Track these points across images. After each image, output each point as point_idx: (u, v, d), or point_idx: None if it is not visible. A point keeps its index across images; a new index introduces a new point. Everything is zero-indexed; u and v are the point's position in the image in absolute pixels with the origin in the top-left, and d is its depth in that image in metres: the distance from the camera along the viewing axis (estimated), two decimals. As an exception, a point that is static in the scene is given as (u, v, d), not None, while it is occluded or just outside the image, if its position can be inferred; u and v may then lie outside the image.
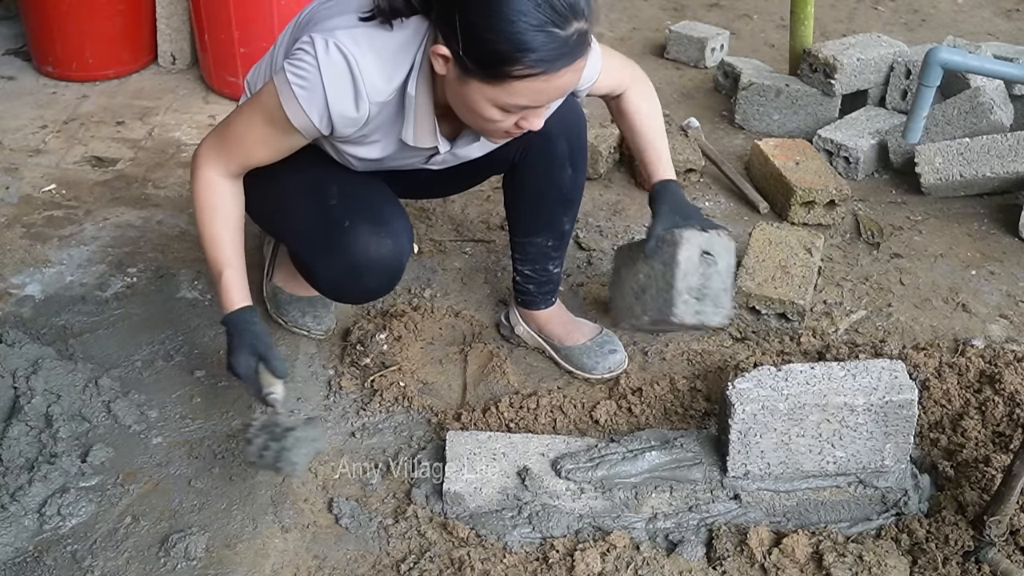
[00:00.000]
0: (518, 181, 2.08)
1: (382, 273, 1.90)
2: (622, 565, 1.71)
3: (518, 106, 1.60)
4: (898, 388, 1.77)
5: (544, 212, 2.11)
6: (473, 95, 1.60)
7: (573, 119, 2.00)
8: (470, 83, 1.58)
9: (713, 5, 4.51)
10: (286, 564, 1.71)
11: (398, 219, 1.92)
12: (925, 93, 2.59)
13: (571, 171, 2.04)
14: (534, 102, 1.60)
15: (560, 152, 2.00)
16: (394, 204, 1.96)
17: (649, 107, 2.08)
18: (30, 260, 2.49)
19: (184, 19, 3.53)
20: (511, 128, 1.67)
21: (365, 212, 1.90)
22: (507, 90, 1.56)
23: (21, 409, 1.93)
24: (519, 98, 1.58)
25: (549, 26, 1.49)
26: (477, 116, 1.64)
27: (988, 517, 1.72)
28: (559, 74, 1.55)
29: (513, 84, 1.55)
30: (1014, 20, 4.44)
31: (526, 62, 1.51)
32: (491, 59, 1.53)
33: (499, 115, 1.62)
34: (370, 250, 1.86)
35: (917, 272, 2.62)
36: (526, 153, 2.02)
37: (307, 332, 2.26)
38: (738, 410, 1.75)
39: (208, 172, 1.83)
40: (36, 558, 1.68)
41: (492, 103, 1.60)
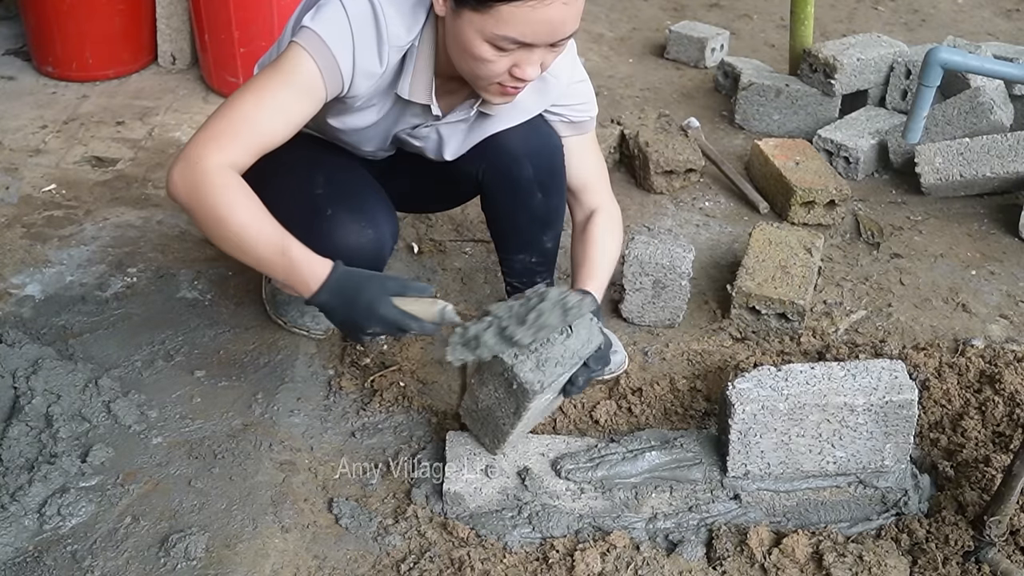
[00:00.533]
0: (489, 201, 2.07)
1: (363, 262, 1.83)
2: (622, 565, 1.71)
3: (508, 39, 1.58)
4: (898, 388, 1.77)
5: (521, 233, 2.09)
6: (465, 30, 1.61)
7: (543, 146, 1.96)
8: (463, 15, 1.60)
9: (713, 5, 4.51)
10: (286, 564, 1.71)
11: (381, 210, 1.92)
12: (925, 93, 2.59)
13: (541, 195, 2.00)
14: (523, 35, 1.58)
15: (525, 176, 1.96)
16: (378, 195, 1.96)
17: (612, 245, 2.03)
18: (30, 260, 2.49)
19: (184, 19, 3.53)
20: (505, 77, 1.66)
21: (348, 201, 1.89)
22: (495, 17, 1.56)
23: (21, 409, 1.93)
24: (508, 28, 1.57)
25: None
26: (468, 55, 1.64)
27: (988, 517, 1.72)
28: (549, 3, 1.54)
29: (500, 9, 1.55)
30: (1014, 20, 4.44)
31: None
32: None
33: (491, 53, 1.61)
34: (350, 238, 1.85)
35: (917, 272, 2.62)
36: (489, 173, 1.99)
37: (306, 332, 2.26)
38: (738, 410, 1.75)
39: (212, 164, 1.62)
40: (36, 558, 1.67)
41: (482, 36, 1.60)
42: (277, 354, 2.20)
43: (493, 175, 2.00)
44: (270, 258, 1.65)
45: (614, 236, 2.05)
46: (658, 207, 2.88)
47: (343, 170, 1.97)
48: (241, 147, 1.65)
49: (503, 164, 1.96)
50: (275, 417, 2.02)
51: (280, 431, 1.99)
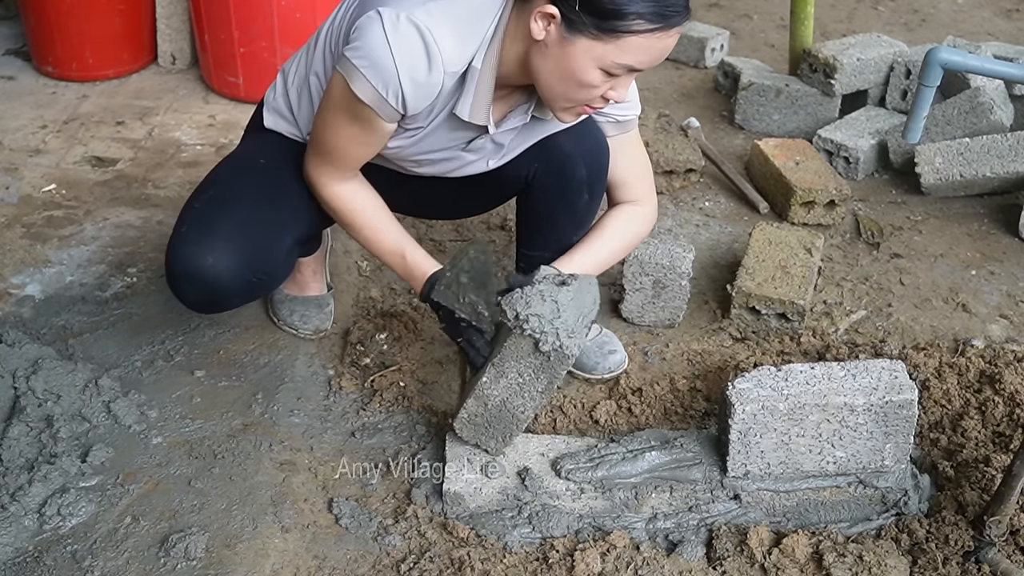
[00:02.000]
0: (533, 201, 2.05)
1: (196, 288, 1.87)
2: (622, 565, 1.71)
3: (622, 66, 1.61)
4: (898, 388, 1.77)
5: (555, 233, 2.09)
6: (578, 56, 1.61)
7: (595, 146, 1.97)
8: (577, 42, 1.60)
9: (713, 5, 4.51)
10: (286, 564, 1.71)
11: (234, 240, 1.85)
12: (925, 93, 2.58)
13: (587, 197, 2.00)
14: (639, 62, 1.62)
15: (579, 177, 1.96)
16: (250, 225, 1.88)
17: (634, 231, 2.07)
18: (30, 260, 2.49)
19: (184, 19, 3.53)
20: (595, 100, 1.69)
21: (207, 220, 1.87)
22: (619, 47, 1.58)
23: (22, 409, 1.93)
24: (628, 56, 1.60)
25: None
26: (572, 81, 1.64)
27: (988, 517, 1.72)
28: (670, 33, 1.60)
29: (627, 40, 1.58)
30: (1014, 20, 4.44)
31: (647, 16, 1.55)
32: (611, 12, 1.55)
33: (599, 78, 1.63)
34: (186, 260, 1.84)
35: (917, 272, 2.62)
36: (541, 174, 1.98)
37: (295, 331, 2.26)
38: (738, 410, 1.75)
39: (330, 186, 1.87)
40: (36, 558, 1.67)
41: (597, 63, 1.61)
42: (277, 354, 2.20)
43: (546, 175, 1.98)
44: (393, 262, 1.92)
45: (628, 227, 2.06)
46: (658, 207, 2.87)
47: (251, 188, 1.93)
48: (341, 169, 1.85)
49: (557, 165, 1.95)
50: (275, 417, 2.02)
51: (280, 431, 1.99)
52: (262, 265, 1.90)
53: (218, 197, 1.92)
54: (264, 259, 1.90)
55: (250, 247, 1.87)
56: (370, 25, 1.62)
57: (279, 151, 1.97)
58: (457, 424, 1.87)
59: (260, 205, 1.91)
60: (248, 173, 1.96)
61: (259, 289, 1.98)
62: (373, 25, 1.62)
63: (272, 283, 2.00)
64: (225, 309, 2.04)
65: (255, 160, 1.98)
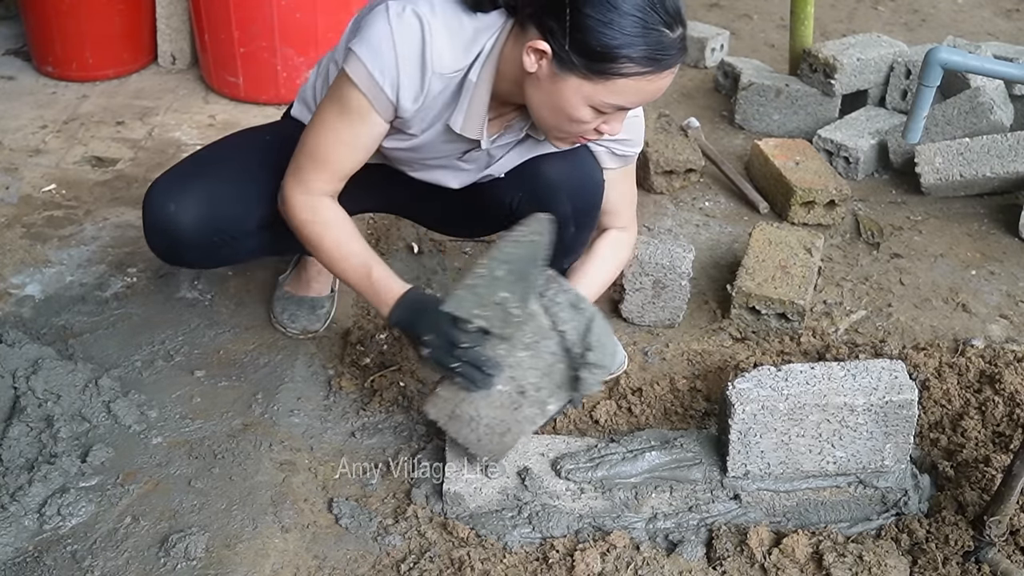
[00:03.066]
0: None
1: (158, 235, 1.89)
2: (622, 565, 1.71)
3: (613, 106, 1.60)
4: (898, 388, 1.77)
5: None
6: (568, 93, 1.60)
7: (585, 180, 1.93)
8: (567, 80, 1.58)
9: (713, 5, 4.51)
10: (286, 564, 1.71)
11: (201, 195, 1.86)
12: (925, 93, 2.58)
13: (574, 230, 1.98)
14: (630, 103, 1.61)
15: (562, 211, 1.90)
16: (224, 186, 1.89)
17: (612, 263, 2.05)
18: (30, 260, 2.49)
19: (184, 19, 3.53)
20: (588, 132, 1.68)
21: (185, 173, 1.90)
22: (608, 88, 1.57)
23: (22, 409, 1.93)
24: (618, 97, 1.59)
25: (661, 26, 1.53)
26: (563, 116, 1.64)
27: (988, 517, 1.72)
28: (662, 75, 1.57)
29: (616, 82, 1.56)
30: (1014, 20, 4.44)
31: (638, 60, 1.54)
32: (601, 54, 1.54)
33: (589, 115, 1.62)
34: (152, 205, 1.87)
35: (917, 272, 2.62)
36: (525, 203, 1.94)
37: (282, 329, 2.26)
38: (738, 410, 1.75)
39: (297, 198, 1.80)
40: (36, 558, 1.67)
41: (587, 102, 1.60)
42: (277, 354, 2.20)
43: (529, 206, 1.94)
44: (358, 282, 1.82)
45: (616, 255, 2.05)
46: (658, 207, 2.88)
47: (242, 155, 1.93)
48: (319, 179, 1.78)
49: (541, 196, 1.92)
50: (275, 417, 2.02)
51: (280, 431, 1.99)
52: (225, 228, 1.89)
53: (206, 156, 1.96)
54: (228, 223, 1.89)
55: (216, 206, 1.87)
56: (376, 16, 1.65)
57: (289, 133, 1.94)
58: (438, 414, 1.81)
59: (243, 172, 1.91)
60: (247, 143, 1.98)
61: (223, 251, 1.94)
62: (379, 15, 1.64)
63: (238, 251, 1.97)
64: (192, 264, 2.03)
65: (261, 135, 1.99)
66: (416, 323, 1.76)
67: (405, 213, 2.26)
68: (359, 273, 1.80)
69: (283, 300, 2.29)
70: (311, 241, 1.82)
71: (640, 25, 1.51)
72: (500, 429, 1.78)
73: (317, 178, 1.79)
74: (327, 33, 3.28)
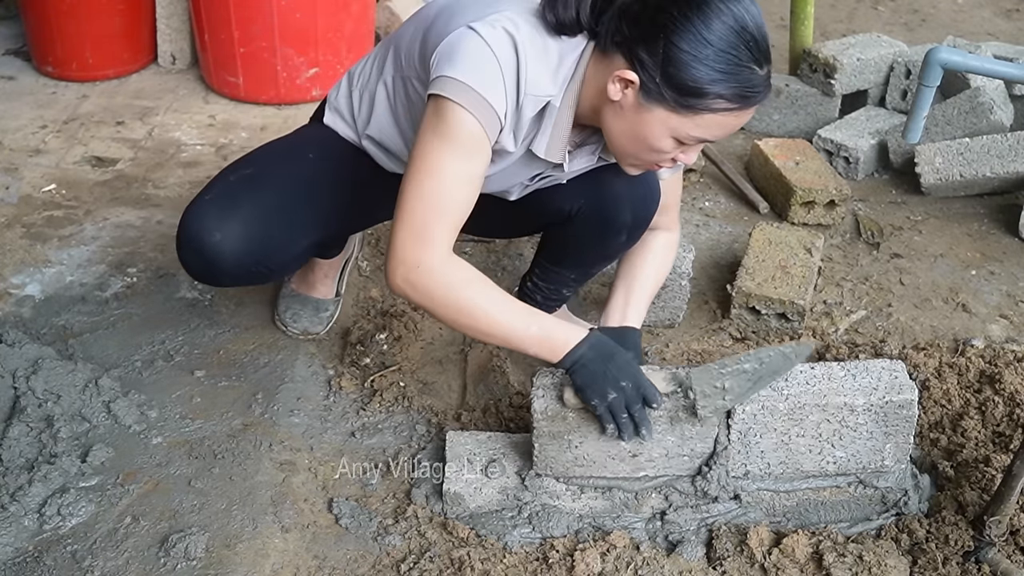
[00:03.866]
0: (568, 231, 2.01)
1: (196, 256, 1.82)
2: (622, 565, 1.71)
3: (696, 138, 1.59)
4: (898, 388, 1.76)
5: (581, 261, 2.10)
6: (652, 124, 1.58)
7: (647, 192, 1.92)
8: (653, 111, 1.57)
9: (713, 5, 4.51)
10: (286, 564, 1.71)
11: (250, 227, 1.80)
12: (925, 93, 2.58)
13: (625, 239, 1.98)
14: (714, 136, 1.60)
15: (622, 221, 1.93)
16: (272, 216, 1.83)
17: (663, 259, 2.03)
18: (30, 260, 2.49)
19: (184, 19, 3.53)
20: (665, 161, 1.66)
21: (233, 196, 1.83)
22: (695, 121, 1.56)
23: (22, 409, 1.93)
24: (703, 131, 1.58)
25: (752, 63, 1.52)
26: (643, 145, 1.62)
27: (988, 517, 1.71)
28: (748, 111, 1.57)
29: (704, 116, 1.55)
30: (1014, 20, 4.44)
31: (728, 96, 1.53)
32: (693, 89, 1.52)
33: (671, 146, 1.61)
34: (197, 228, 1.79)
35: (917, 272, 2.62)
36: (585, 210, 1.94)
37: (283, 328, 2.26)
38: (738, 410, 1.75)
39: (433, 264, 1.60)
40: (36, 558, 1.67)
41: (671, 133, 1.59)
42: (277, 354, 2.21)
43: (590, 212, 1.94)
44: (522, 338, 1.66)
45: (667, 256, 2.04)
46: (658, 207, 2.88)
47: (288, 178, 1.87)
48: (446, 232, 1.62)
49: (604, 206, 1.91)
50: (275, 417, 2.02)
51: (280, 431, 1.99)
52: (267, 259, 1.85)
53: (253, 177, 1.87)
54: (272, 255, 1.85)
55: (263, 239, 1.82)
56: (464, 36, 1.57)
57: (331, 148, 1.92)
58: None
59: (291, 199, 1.85)
60: (292, 162, 1.91)
61: (256, 278, 1.93)
62: (467, 35, 1.57)
63: (271, 276, 1.95)
64: (218, 285, 2.00)
65: (305, 152, 1.93)
66: (612, 365, 1.68)
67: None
68: (527, 324, 1.66)
69: (288, 298, 2.28)
70: (463, 307, 1.63)
71: (732, 62, 1.51)
72: (581, 463, 1.78)
73: (442, 231, 1.61)
74: (327, 33, 3.29)
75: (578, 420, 1.73)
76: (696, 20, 1.50)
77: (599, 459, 1.77)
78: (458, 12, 1.64)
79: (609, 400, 1.67)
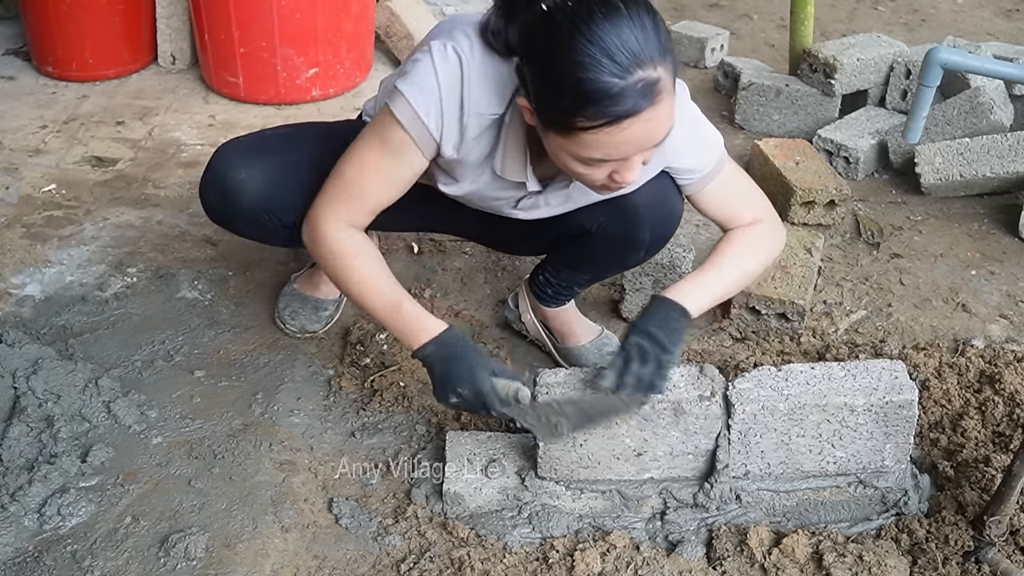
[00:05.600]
0: (585, 244, 1.99)
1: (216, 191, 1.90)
2: (622, 565, 1.71)
3: (593, 159, 1.54)
4: (898, 388, 1.76)
5: (596, 269, 2.11)
6: (555, 148, 1.57)
7: (667, 214, 1.90)
8: (549, 135, 1.56)
9: (713, 5, 4.51)
10: (286, 564, 1.71)
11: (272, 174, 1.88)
12: (925, 93, 2.59)
13: (642, 255, 1.99)
14: (608, 155, 1.53)
15: (642, 239, 1.92)
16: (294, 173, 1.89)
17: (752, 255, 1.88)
18: (30, 260, 2.49)
19: (184, 19, 3.53)
20: (607, 181, 1.59)
21: (265, 145, 1.92)
22: (578, 142, 1.51)
23: (22, 409, 1.93)
24: (591, 151, 1.52)
25: (606, 75, 1.43)
26: (567, 168, 1.61)
27: (988, 517, 1.72)
28: (622, 126, 1.47)
29: (581, 136, 1.50)
30: (1014, 20, 4.44)
31: (586, 113, 1.46)
32: (555, 111, 1.50)
33: (583, 168, 1.57)
34: (225, 162, 1.88)
35: (917, 272, 2.62)
36: (605, 227, 1.93)
37: (282, 325, 2.27)
38: (738, 410, 1.75)
39: (329, 227, 1.76)
40: (36, 558, 1.67)
41: (571, 156, 1.55)
42: (277, 354, 2.21)
43: (609, 232, 1.93)
44: (385, 314, 1.78)
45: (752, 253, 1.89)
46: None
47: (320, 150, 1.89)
48: (353, 211, 1.76)
49: (624, 225, 1.90)
50: (275, 417, 2.02)
51: (280, 431, 1.99)
52: (281, 212, 1.90)
53: (289, 136, 1.98)
54: (283, 207, 1.89)
55: (282, 190, 1.88)
56: (421, 54, 1.65)
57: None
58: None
59: (316, 166, 1.88)
60: (328, 140, 1.94)
61: (266, 230, 1.95)
62: (423, 53, 1.64)
63: (277, 236, 1.97)
64: (231, 226, 1.99)
65: (344, 136, 1.93)
66: (452, 369, 1.74)
67: (468, 237, 2.25)
68: (388, 304, 1.77)
69: (289, 296, 2.29)
70: (338, 273, 1.78)
71: (583, 78, 1.44)
72: (586, 464, 1.78)
73: (349, 209, 1.76)
74: (327, 33, 3.29)
75: None
76: (550, 46, 1.46)
77: (604, 459, 1.77)
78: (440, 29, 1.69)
79: (452, 403, 1.76)
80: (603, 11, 1.44)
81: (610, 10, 1.45)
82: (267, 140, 1.96)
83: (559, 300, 2.19)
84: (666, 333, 1.73)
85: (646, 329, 1.73)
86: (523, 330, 2.28)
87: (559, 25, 1.45)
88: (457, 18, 1.71)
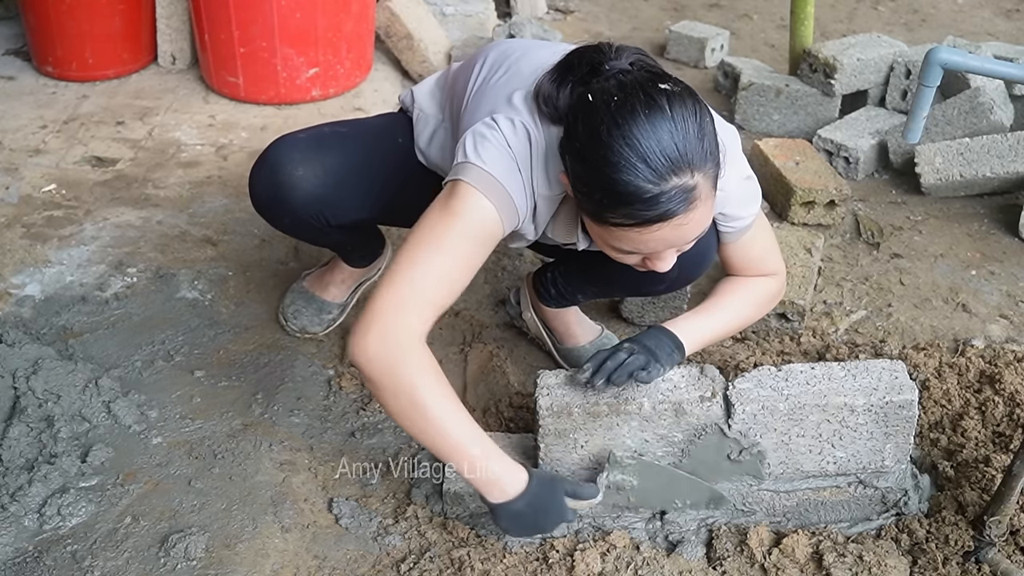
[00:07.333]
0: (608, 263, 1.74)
1: (269, 183, 1.87)
2: (622, 565, 1.71)
3: (624, 250, 1.53)
4: (898, 388, 1.76)
5: (609, 289, 2.10)
6: (588, 226, 1.57)
7: (698, 256, 1.78)
8: (583, 215, 1.56)
9: (713, 5, 4.51)
10: (286, 564, 1.71)
11: (329, 177, 1.85)
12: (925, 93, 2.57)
13: (663, 288, 1.97)
14: (639, 249, 1.52)
15: (668, 276, 1.75)
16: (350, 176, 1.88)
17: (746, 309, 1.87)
18: (30, 260, 2.49)
19: (184, 19, 3.53)
20: (639, 263, 1.59)
21: (324, 143, 1.89)
22: (611, 233, 1.51)
23: (22, 409, 1.93)
24: (623, 243, 1.51)
25: (640, 180, 1.41)
26: (600, 247, 1.60)
27: (988, 517, 1.72)
28: (652, 228, 1.45)
29: (612, 230, 1.49)
30: (1014, 20, 4.44)
31: (619, 212, 1.45)
32: (588, 201, 1.49)
33: (615, 253, 1.57)
34: (283, 156, 1.86)
35: (917, 272, 2.62)
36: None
37: (284, 322, 2.27)
38: (738, 410, 1.75)
39: (411, 339, 1.53)
40: (36, 558, 1.68)
41: (604, 241, 1.55)
42: (277, 354, 2.21)
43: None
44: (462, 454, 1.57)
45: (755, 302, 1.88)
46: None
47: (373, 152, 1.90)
48: (432, 310, 1.57)
49: None
50: (275, 417, 2.02)
51: (280, 431, 1.99)
52: (331, 212, 1.89)
53: (346, 136, 1.94)
54: (335, 209, 1.89)
55: (336, 190, 1.87)
56: (490, 131, 1.59)
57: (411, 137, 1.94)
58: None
59: (371, 168, 1.88)
60: (382, 139, 1.93)
61: (312, 229, 1.94)
62: (493, 131, 1.59)
63: (323, 236, 1.98)
64: (276, 222, 1.96)
65: (396, 135, 1.94)
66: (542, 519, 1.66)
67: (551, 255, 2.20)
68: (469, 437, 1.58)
69: (295, 293, 2.28)
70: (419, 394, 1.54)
71: (618, 180, 1.42)
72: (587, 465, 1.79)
73: (430, 309, 1.57)
74: (327, 33, 3.29)
75: (584, 418, 1.73)
76: (589, 139, 1.44)
77: (604, 459, 1.77)
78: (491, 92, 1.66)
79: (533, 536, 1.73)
80: (646, 112, 1.41)
81: (653, 111, 1.41)
82: (325, 137, 1.92)
83: (560, 303, 2.18)
84: (659, 349, 1.71)
85: (639, 340, 1.73)
86: (523, 327, 2.28)
87: (600, 121, 1.43)
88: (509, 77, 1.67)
